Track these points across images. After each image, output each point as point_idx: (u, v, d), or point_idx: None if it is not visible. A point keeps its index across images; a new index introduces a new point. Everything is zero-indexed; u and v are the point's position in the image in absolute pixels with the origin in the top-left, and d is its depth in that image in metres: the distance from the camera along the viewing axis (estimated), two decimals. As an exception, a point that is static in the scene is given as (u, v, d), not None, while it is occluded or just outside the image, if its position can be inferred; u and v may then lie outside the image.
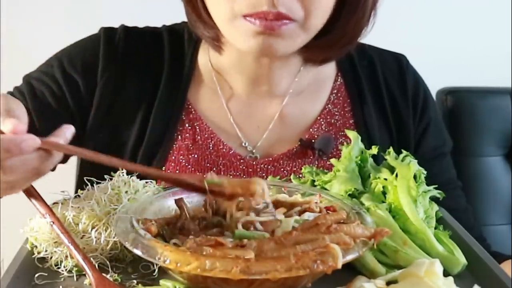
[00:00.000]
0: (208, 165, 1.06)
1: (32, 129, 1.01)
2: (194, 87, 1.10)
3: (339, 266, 0.65)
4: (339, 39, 1.02)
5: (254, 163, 1.06)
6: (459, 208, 1.07)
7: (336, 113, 1.11)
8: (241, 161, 1.06)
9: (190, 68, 1.09)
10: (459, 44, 1.80)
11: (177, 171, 1.04)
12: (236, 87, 1.09)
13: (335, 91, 1.12)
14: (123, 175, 0.87)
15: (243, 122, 1.09)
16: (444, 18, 1.79)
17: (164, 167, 1.04)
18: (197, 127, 1.07)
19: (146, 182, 0.88)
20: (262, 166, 1.06)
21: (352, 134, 0.90)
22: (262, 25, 0.91)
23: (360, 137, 0.90)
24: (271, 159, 1.07)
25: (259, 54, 0.98)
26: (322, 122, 1.10)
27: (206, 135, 1.07)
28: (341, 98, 1.12)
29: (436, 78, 1.52)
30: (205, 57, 1.10)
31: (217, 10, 0.96)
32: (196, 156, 1.06)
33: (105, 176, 0.87)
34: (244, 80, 1.07)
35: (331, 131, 1.10)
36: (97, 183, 0.86)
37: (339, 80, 1.13)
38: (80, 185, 0.89)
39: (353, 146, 0.89)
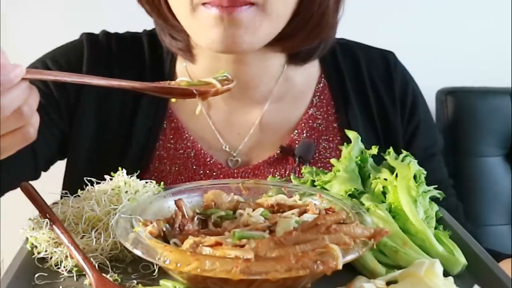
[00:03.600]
0: (189, 174, 1.05)
1: None
2: None
3: (340, 266, 0.65)
4: (306, 22, 0.98)
5: (234, 171, 1.05)
6: (450, 207, 1.04)
7: (319, 116, 1.09)
8: (222, 169, 1.05)
9: (170, 75, 1.08)
10: (459, 44, 1.79)
11: (160, 180, 1.03)
12: None
13: (318, 94, 1.10)
14: (123, 175, 0.87)
15: (223, 129, 1.07)
16: (444, 18, 1.79)
17: (149, 169, 1.04)
18: (179, 136, 1.06)
19: (146, 182, 0.88)
20: (242, 174, 1.05)
21: (352, 134, 0.90)
22: (219, 9, 0.89)
23: (360, 137, 0.90)
24: (251, 166, 1.06)
25: (225, 50, 0.94)
26: (304, 127, 1.08)
27: (188, 144, 1.06)
28: (324, 100, 1.10)
29: (436, 78, 1.53)
30: (182, 64, 1.09)
31: (178, 3, 0.95)
32: (177, 166, 1.05)
33: (105, 176, 0.87)
34: None
35: (313, 135, 1.08)
36: (97, 183, 0.86)
37: (322, 81, 1.11)
38: (66, 187, 0.88)
39: (353, 146, 0.89)
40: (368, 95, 1.11)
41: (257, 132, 1.07)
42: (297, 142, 1.07)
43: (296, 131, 1.08)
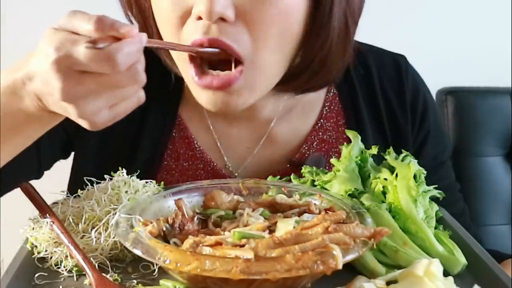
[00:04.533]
0: None
1: None
2: (184, 103, 1.06)
3: (340, 266, 0.65)
4: (308, 64, 0.93)
5: None
6: (457, 212, 1.03)
7: (329, 127, 1.06)
8: None
9: (180, 82, 1.04)
10: (459, 44, 1.80)
11: None
12: None
13: (328, 103, 1.07)
14: (123, 175, 0.87)
15: (229, 144, 1.05)
16: (444, 18, 1.79)
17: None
18: (187, 146, 1.04)
19: (146, 182, 0.88)
20: None
21: (351, 134, 0.90)
22: (202, 83, 0.86)
23: (360, 137, 0.90)
24: None
25: (217, 111, 0.91)
26: (314, 139, 1.05)
27: (197, 155, 1.04)
28: (334, 110, 1.07)
29: (436, 78, 1.52)
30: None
31: (173, 54, 0.93)
32: (185, 177, 1.03)
33: (105, 176, 0.87)
34: None
35: (323, 148, 1.05)
36: (97, 183, 0.86)
37: (332, 91, 1.07)
38: (72, 187, 0.88)
39: (353, 146, 0.89)
40: (378, 102, 1.08)
41: (265, 147, 1.05)
42: (306, 155, 1.04)
43: (305, 144, 1.05)
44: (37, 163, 1.04)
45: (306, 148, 1.05)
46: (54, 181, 1.07)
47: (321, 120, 1.06)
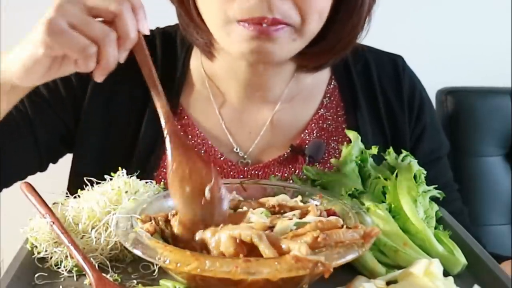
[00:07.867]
0: None
1: (26, 119, 1.02)
2: (186, 92, 1.09)
3: (331, 269, 0.64)
4: (334, 45, 1.01)
5: (245, 169, 1.06)
6: (455, 211, 1.04)
7: (328, 117, 1.10)
8: (232, 167, 1.06)
9: (183, 72, 1.09)
10: (459, 44, 1.80)
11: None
12: (228, 93, 1.08)
13: (328, 95, 1.11)
14: (123, 175, 0.87)
15: (235, 129, 1.08)
16: (444, 18, 1.79)
17: (155, 174, 1.03)
18: (189, 133, 1.06)
19: (146, 182, 0.88)
20: (252, 172, 1.05)
21: (352, 134, 0.90)
22: (256, 29, 0.90)
23: (360, 137, 0.90)
24: (261, 165, 1.06)
25: (254, 60, 0.97)
26: (314, 127, 1.09)
27: (198, 141, 1.06)
28: (334, 102, 1.11)
29: (436, 78, 1.52)
30: (197, 62, 1.09)
31: (210, 14, 0.95)
32: None
33: (105, 176, 0.87)
34: (236, 87, 1.06)
35: (323, 136, 1.09)
36: (97, 183, 0.86)
37: (332, 83, 1.12)
38: (72, 186, 0.88)
39: (353, 146, 0.89)
40: (377, 98, 1.12)
41: (268, 132, 1.08)
42: (307, 142, 1.07)
43: (306, 131, 1.08)
44: (37, 154, 1.05)
45: (307, 135, 1.08)
46: (54, 181, 1.08)
47: (321, 110, 1.10)
